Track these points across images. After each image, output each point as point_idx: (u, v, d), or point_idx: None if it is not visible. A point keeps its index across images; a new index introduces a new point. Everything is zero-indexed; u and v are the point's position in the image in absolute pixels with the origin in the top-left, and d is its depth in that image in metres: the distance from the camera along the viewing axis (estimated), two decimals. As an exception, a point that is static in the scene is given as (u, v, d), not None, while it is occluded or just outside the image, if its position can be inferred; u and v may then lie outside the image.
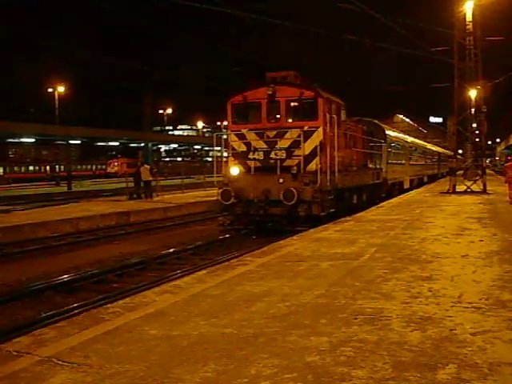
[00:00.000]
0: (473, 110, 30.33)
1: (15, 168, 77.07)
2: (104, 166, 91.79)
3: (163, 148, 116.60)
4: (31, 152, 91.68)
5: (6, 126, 50.24)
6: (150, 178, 29.99)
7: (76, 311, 8.63)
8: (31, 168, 79.99)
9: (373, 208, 20.46)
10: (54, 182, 58.96)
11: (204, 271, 9.04)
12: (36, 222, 18.83)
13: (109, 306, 6.78)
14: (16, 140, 69.66)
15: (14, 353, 4.91)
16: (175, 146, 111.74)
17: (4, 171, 73.28)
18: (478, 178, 28.96)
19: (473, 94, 30.22)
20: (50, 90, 63.67)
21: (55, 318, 8.13)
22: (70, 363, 4.59)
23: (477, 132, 30.92)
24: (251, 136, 17.13)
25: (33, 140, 66.08)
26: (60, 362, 4.61)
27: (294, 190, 15.67)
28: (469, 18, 28.46)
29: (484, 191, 27.28)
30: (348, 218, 16.60)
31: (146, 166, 30.96)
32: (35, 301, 10.09)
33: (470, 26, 28.51)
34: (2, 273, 12.71)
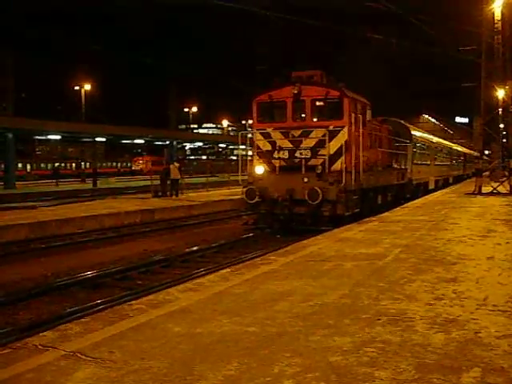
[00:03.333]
0: (500, 110, 30.00)
1: (42, 165, 77.97)
2: (129, 164, 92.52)
3: (188, 146, 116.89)
4: (57, 149, 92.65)
5: (33, 123, 50.77)
6: (179, 177, 30.11)
7: (100, 307, 8.71)
8: (57, 165, 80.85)
9: (397, 208, 20.33)
10: (79, 179, 59.51)
11: (228, 269, 9.07)
12: (62, 218, 19.03)
13: (133, 302, 6.84)
14: (43, 137, 70.34)
15: (40, 347, 4.98)
16: (200, 144, 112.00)
17: (31, 168, 74.19)
18: (504, 179, 28.62)
19: (500, 93, 29.88)
20: (77, 87, 64.24)
21: (80, 314, 8.22)
22: (94, 358, 4.63)
23: (504, 132, 30.57)
24: (276, 135, 17.13)
25: (59, 137, 66.63)
26: (84, 357, 4.66)
27: (319, 190, 15.63)
28: (497, 16, 28.16)
29: (511, 193, 26.95)
30: (372, 218, 16.52)
31: (175, 163, 31.05)
32: (60, 296, 10.21)
33: (498, 25, 28.20)
34: (28, 268, 12.89)
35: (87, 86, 62.90)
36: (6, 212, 21.29)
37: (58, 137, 65.66)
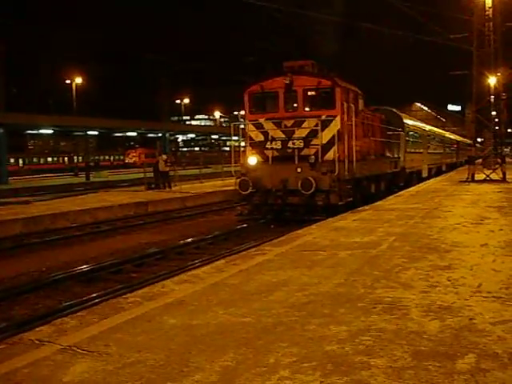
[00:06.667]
0: (492, 97, 30.00)
1: (34, 159, 77.76)
2: (122, 157, 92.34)
3: (181, 138, 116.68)
4: (50, 143, 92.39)
5: (24, 118, 50.56)
6: (167, 169, 30.10)
7: (96, 301, 8.71)
8: (50, 159, 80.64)
9: (391, 197, 20.36)
10: (72, 173, 59.40)
11: (222, 261, 9.07)
12: (55, 212, 19.00)
13: (128, 295, 6.84)
14: (35, 131, 70.13)
15: (36, 341, 4.97)
16: (193, 135, 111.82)
17: (23, 163, 73.94)
18: (497, 166, 28.68)
19: (492, 81, 29.88)
20: (68, 81, 63.89)
21: (75, 308, 8.22)
22: (90, 352, 4.64)
23: (496, 120, 30.57)
24: (269, 125, 17.11)
25: (51, 131, 66.43)
26: (81, 351, 4.67)
27: (312, 180, 15.64)
28: (488, 3, 28.10)
29: (503, 180, 27.01)
30: (366, 207, 16.54)
31: (163, 156, 31.08)
32: (56, 290, 10.21)
33: (489, 12, 28.14)
34: (23, 263, 12.87)
35: (78, 80, 62.51)
36: (0, 207, 21.22)
37: (50, 131, 65.49)
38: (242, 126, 18.79)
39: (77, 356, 4.56)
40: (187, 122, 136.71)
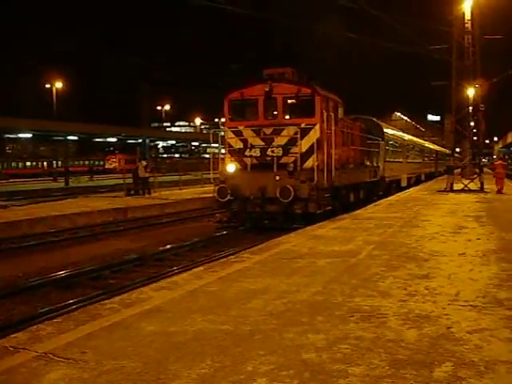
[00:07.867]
0: (471, 108, 30.35)
1: (13, 164, 77.03)
2: (102, 162, 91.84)
3: (161, 144, 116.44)
4: (29, 147, 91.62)
5: (3, 121, 50.16)
6: (146, 175, 30.00)
7: (73, 307, 8.62)
8: (28, 164, 79.94)
9: (370, 206, 20.46)
10: (51, 178, 58.96)
11: (201, 268, 9.04)
12: (33, 217, 18.81)
13: (106, 301, 6.79)
14: (13, 135, 69.59)
15: (11, 348, 4.91)
16: (173, 142, 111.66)
17: (2, 167, 73.22)
18: (475, 176, 28.99)
19: (471, 92, 30.22)
20: (48, 85, 63.48)
21: (52, 314, 8.13)
22: (66, 359, 4.59)
23: (474, 130, 30.94)
24: (248, 133, 17.08)
25: (30, 135, 65.97)
26: (56, 358, 4.62)
27: (291, 188, 15.64)
28: (467, 16, 28.48)
29: (481, 190, 27.30)
30: (345, 216, 16.60)
31: (143, 162, 30.98)
32: (32, 296, 10.08)
33: (468, 25, 28.52)
34: (-2, 268, 12.71)
35: (58, 84, 62.10)
36: (-24, 212, 20.97)
37: (29, 135, 65.01)
38: (221, 134, 18.76)
39: (52, 363, 4.51)
40: (168, 129, 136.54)
